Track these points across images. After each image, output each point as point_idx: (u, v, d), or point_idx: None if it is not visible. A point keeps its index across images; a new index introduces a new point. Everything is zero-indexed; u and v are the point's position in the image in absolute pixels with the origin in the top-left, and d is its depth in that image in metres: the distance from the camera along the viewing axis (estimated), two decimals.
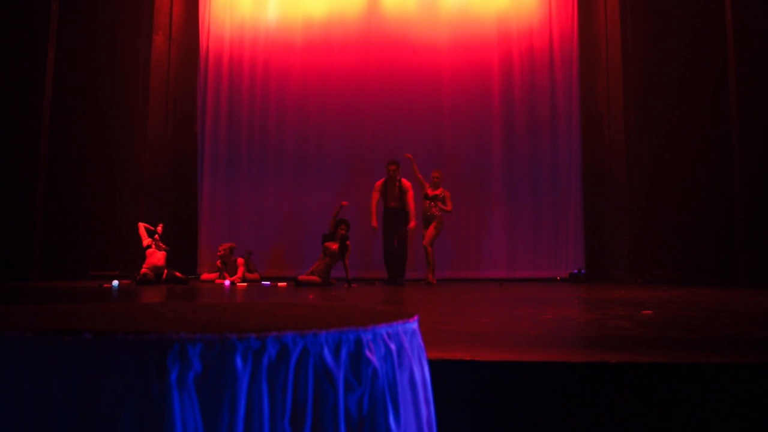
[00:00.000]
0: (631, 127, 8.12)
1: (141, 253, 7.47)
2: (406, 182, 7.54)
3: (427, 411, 1.03)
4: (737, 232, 6.89)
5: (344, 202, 7.45)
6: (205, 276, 8.12)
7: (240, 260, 7.88)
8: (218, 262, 7.92)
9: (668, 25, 7.69)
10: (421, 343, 1.07)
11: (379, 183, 7.61)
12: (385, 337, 0.95)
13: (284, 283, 7.32)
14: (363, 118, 9.05)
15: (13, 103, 7.33)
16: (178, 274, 7.42)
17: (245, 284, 7.35)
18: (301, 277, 7.20)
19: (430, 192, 7.67)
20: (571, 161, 8.96)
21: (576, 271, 8.49)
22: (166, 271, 7.34)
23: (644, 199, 7.89)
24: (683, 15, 7.56)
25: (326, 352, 0.86)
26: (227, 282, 7.41)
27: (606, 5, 8.87)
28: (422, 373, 1.03)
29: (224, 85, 9.34)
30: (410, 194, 7.50)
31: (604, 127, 8.87)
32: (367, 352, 0.90)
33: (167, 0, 9.15)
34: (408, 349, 0.99)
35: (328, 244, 7.30)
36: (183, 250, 8.63)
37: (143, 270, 7.17)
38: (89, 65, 7.99)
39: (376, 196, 7.56)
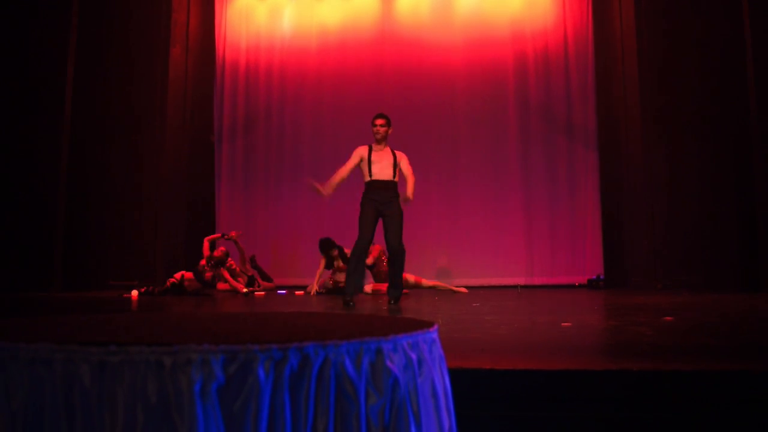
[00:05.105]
0: (649, 131, 8.04)
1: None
2: (399, 152, 5.36)
3: (448, 420, 1.03)
4: (760, 235, 6.79)
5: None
6: (220, 286, 8.17)
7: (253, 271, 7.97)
8: (237, 269, 7.98)
9: (684, 26, 7.61)
10: (442, 352, 1.07)
11: (361, 150, 5.44)
12: (406, 346, 0.94)
13: (301, 292, 7.36)
14: None
15: (34, 114, 7.45)
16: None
17: (263, 293, 7.39)
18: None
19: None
20: (588, 165, 8.87)
21: (595, 277, 8.40)
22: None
23: (663, 203, 7.80)
24: (699, 15, 7.48)
25: (347, 362, 0.86)
26: (243, 291, 7.44)
27: (621, 7, 8.81)
28: (443, 383, 1.03)
29: (240, 94, 9.41)
30: (407, 163, 5.27)
31: (621, 131, 8.79)
32: (388, 362, 0.90)
33: (184, 13, 9.25)
34: (428, 359, 0.99)
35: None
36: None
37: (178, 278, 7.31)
38: (108, 78, 8.09)
39: (348, 166, 5.44)
